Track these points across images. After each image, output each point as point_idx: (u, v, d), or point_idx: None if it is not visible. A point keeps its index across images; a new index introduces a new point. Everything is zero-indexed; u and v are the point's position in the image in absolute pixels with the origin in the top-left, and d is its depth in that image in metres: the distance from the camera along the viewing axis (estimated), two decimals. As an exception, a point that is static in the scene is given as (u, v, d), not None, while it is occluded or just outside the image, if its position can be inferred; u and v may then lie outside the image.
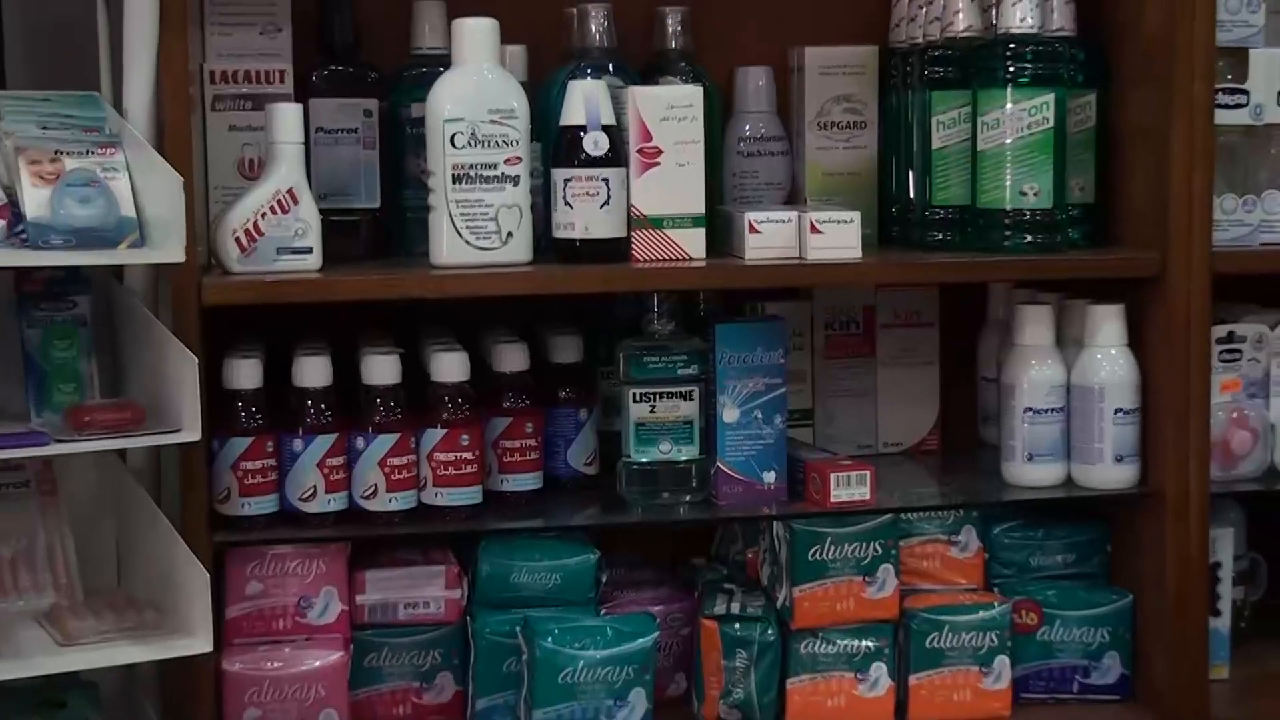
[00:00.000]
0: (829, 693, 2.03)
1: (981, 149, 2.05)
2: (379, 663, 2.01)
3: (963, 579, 2.13)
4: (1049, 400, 2.08)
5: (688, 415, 2.02)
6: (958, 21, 2.06)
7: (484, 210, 1.89)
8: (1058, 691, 2.13)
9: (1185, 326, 2.02)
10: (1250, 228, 2.09)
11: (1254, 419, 2.13)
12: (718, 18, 2.24)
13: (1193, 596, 2.06)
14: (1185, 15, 1.98)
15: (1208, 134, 2.01)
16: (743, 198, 2.18)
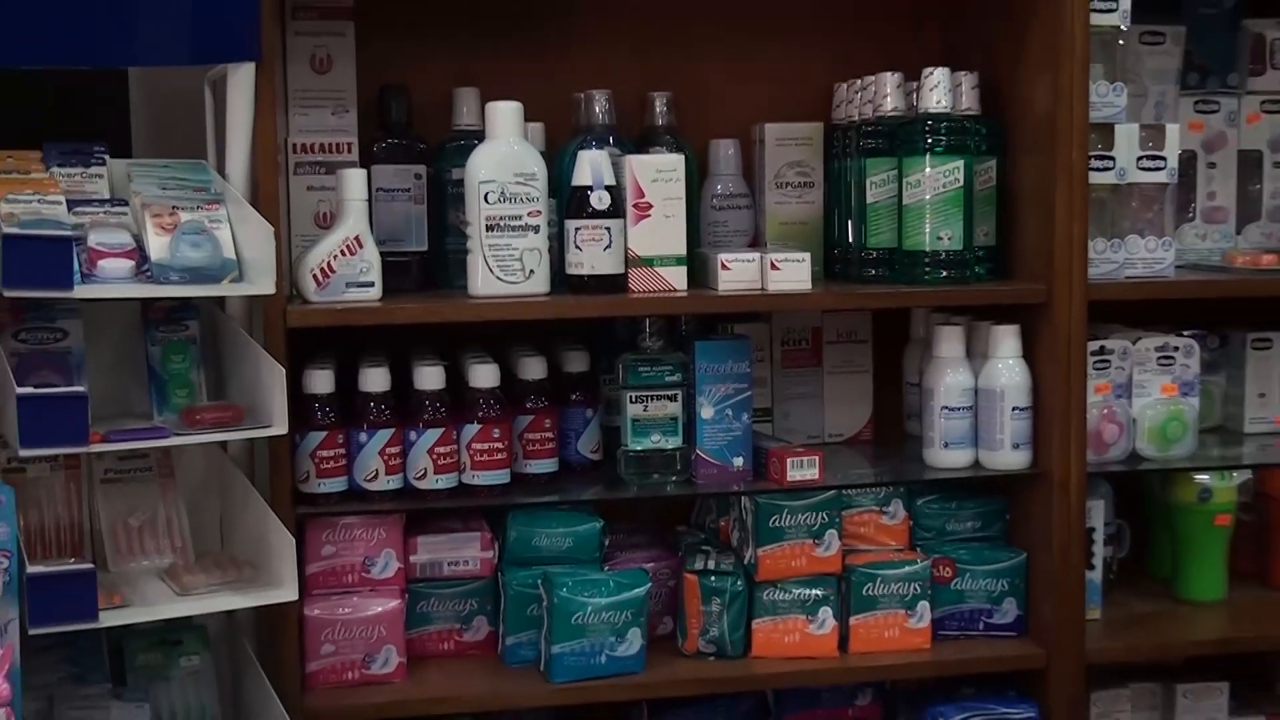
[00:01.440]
0: (786, 631, 2.02)
1: (906, 204, 2.05)
2: (428, 609, 2.02)
3: (892, 541, 2.12)
4: (960, 400, 2.08)
5: (673, 413, 2.01)
6: (886, 104, 2.07)
7: (511, 252, 1.89)
8: (967, 629, 2.11)
9: (1066, 342, 2.02)
10: (1116, 264, 2.08)
11: (1120, 415, 2.13)
12: (695, 99, 2.21)
13: (1073, 554, 2.06)
14: (1065, 99, 1.98)
15: (1083, 192, 2.01)
16: (716, 242, 2.16)
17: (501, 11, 2.17)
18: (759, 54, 2.28)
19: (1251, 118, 2.32)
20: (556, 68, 2.18)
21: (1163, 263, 2.12)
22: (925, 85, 2.03)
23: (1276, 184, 2.35)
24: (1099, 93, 2.05)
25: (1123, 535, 2.31)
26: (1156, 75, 2.25)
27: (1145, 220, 2.14)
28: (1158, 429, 2.15)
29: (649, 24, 2.23)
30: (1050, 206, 2.02)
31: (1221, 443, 2.30)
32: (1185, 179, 2.26)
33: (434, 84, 2.09)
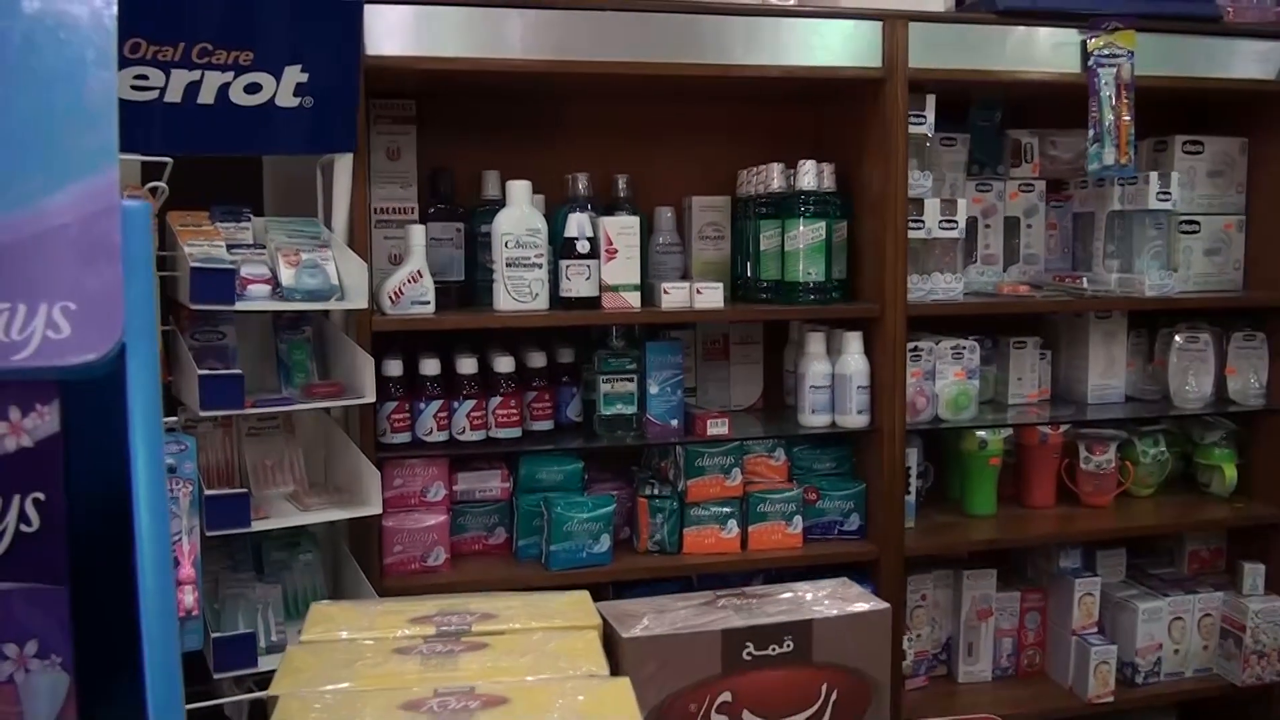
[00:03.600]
0: (705, 535, 2.04)
1: (786, 250, 2.05)
2: (465, 522, 2.02)
3: (777, 476, 2.11)
4: (822, 381, 2.08)
5: (631, 390, 2.02)
6: (773, 183, 2.07)
7: (523, 282, 1.91)
8: (826, 535, 2.11)
9: (892, 343, 2.04)
10: (925, 292, 2.09)
11: (927, 391, 2.14)
12: (646, 179, 2.17)
13: (896, 485, 2.09)
14: (892, 182, 2.00)
15: (904, 243, 2.03)
16: (660, 275, 2.13)
17: (515, 120, 2.15)
18: (688, 149, 2.25)
19: (1013, 195, 2.32)
20: (553, 157, 2.14)
21: (955, 291, 2.12)
22: (800, 171, 2.04)
23: (1028, 239, 2.33)
24: (914, 178, 2.05)
25: (929, 472, 2.31)
26: (951, 166, 2.25)
27: (944, 262, 2.13)
28: (952, 400, 2.15)
29: (614, 129, 2.20)
30: (882, 253, 2.03)
31: (993, 410, 2.30)
32: (970, 235, 2.26)
33: (470, 167, 2.07)
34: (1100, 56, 2.07)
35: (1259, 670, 2.32)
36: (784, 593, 1.03)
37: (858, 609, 1.01)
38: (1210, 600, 2.35)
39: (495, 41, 1.82)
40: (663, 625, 0.94)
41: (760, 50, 1.94)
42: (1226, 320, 2.37)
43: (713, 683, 0.94)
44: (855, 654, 0.99)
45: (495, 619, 0.88)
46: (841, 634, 0.98)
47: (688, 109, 2.25)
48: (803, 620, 0.97)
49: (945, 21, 2.04)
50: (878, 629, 1.01)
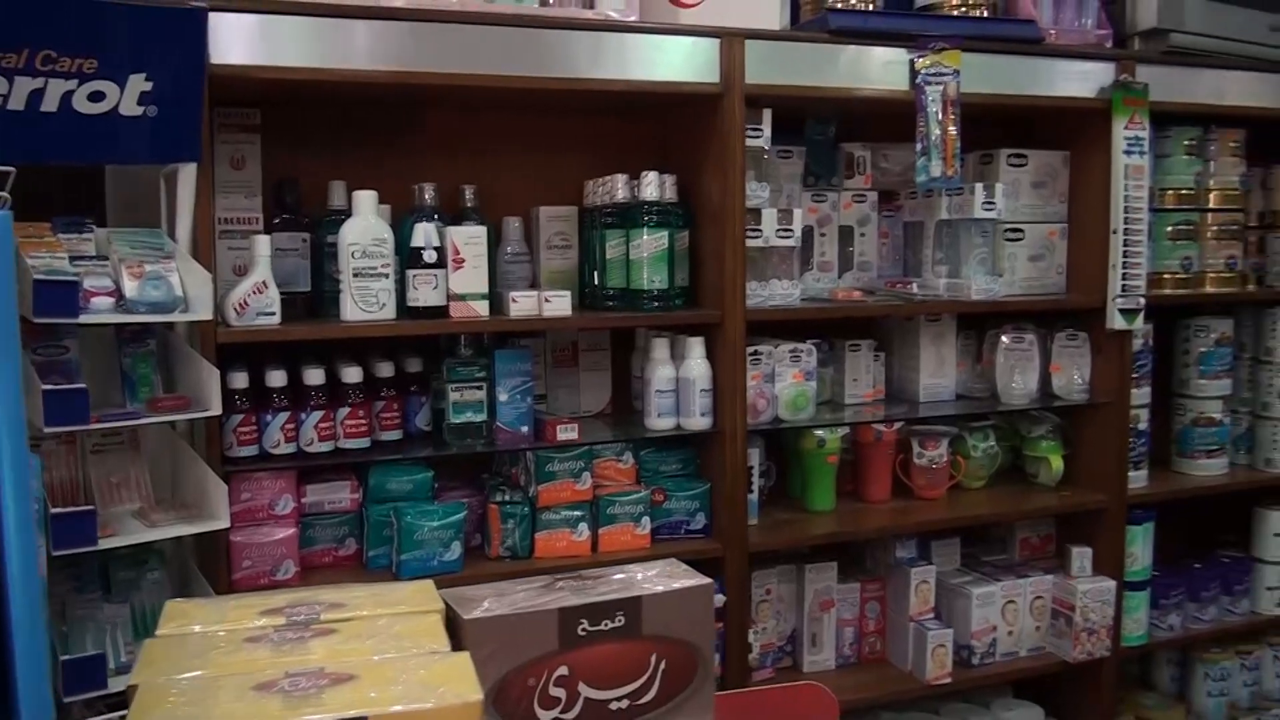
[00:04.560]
0: (556, 539, 2.12)
1: (631, 259, 2.16)
2: (314, 534, 2.05)
3: (625, 479, 2.20)
4: (667, 386, 2.19)
5: (480, 398, 2.07)
6: (618, 194, 2.18)
7: (370, 292, 1.96)
8: (674, 534, 2.22)
9: (733, 347, 2.17)
10: (764, 298, 2.23)
11: (767, 393, 2.27)
12: (493, 190, 2.25)
13: (739, 484, 2.21)
14: (731, 193, 2.14)
15: (742, 252, 2.15)
16: (508, 284, 2.19)
17: (362, 130, 2.21)
18: (536, 160, 2.34)
19: (846, 205, 2.48)
20: (400, 167, 2.20)
21: (793, 297, 2.26)
22: (643, 182, 2.15)
23: (862, 247, 2.51)
24: (751, 189, 2.19)
25: (771, 471, 2.44)
26: (788, 177, 2.38)
27: (781, 270, 2.27)
28: (790, 402, 2.29)
29: (462, 140, 2.28)
30: (722, 261, 2.16)
31: (831, 410, 2.44)
32: (807, 243, 2.40)
33: (316, 177, 2.11)
34: (927, 75, 2.28)
35: (1089, 646, 2.57)
36: (617, 574, 1.17)
37: (683, 584, 1.15)
38: (1041, 583, 2.60)
39: (340, 52, 1.87)
40: (502, 606, 1.06)
41: (604, 65, 2.05)
42: (1050, 321, 2.62)
43: (550, 658, 1.06)
44: (681, 626, 1.13)
45: (343, 608, 1.00)
46: (668, 608, 1.12)
47: (535, 121, 2.35)
48: (632, 597, 1.11)
49: (780, 40, 2.20)
50: (701, 602, 1.16)
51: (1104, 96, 2.49)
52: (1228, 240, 2.78)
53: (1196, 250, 2.75)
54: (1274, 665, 3.02)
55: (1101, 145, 2.51)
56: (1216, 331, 2.83)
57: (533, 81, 2.01)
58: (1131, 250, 2.51)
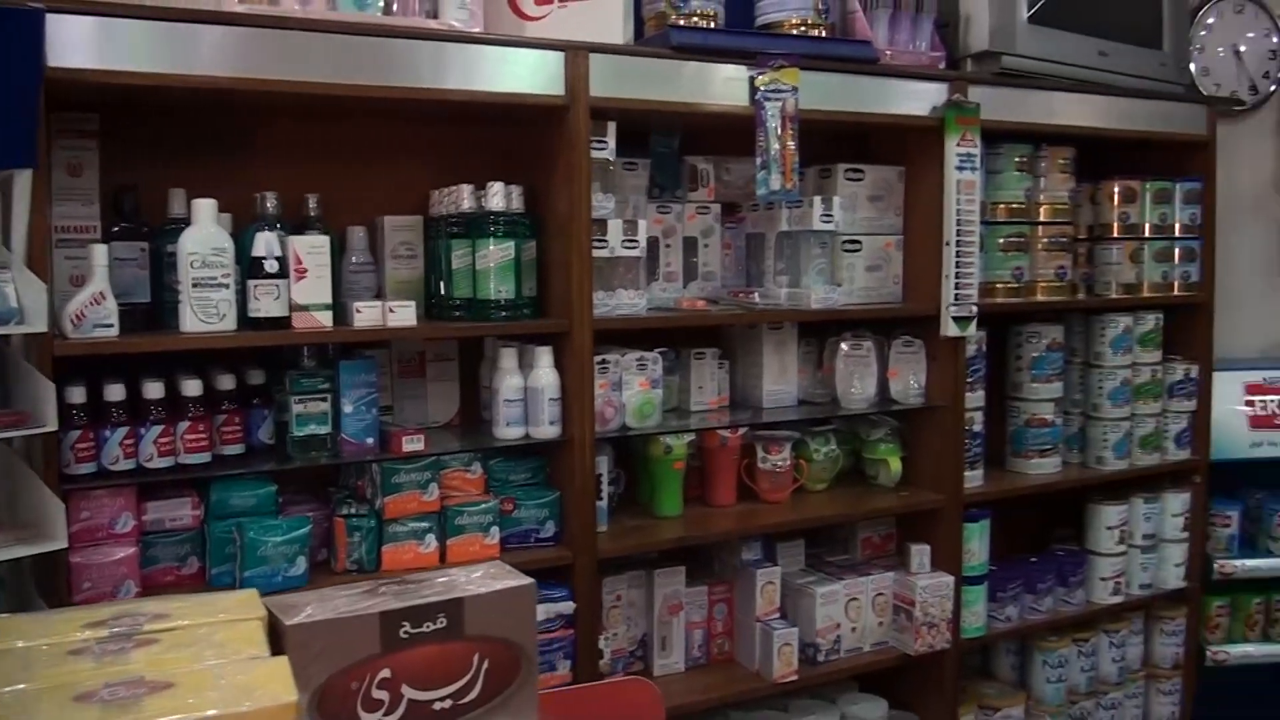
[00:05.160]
0: (404, 551, 2.13)
1: (477, 269, 2.19)
2: (156, 553, 2.01)
3: (474, 489, 2.23)
4: (515, 395, 2.23)
5: (325, 409, 2.08)
6: (464, 204, 2.20)
7: (210, 302, 1.95)
8: (524, 543, 2.26)
9: (580, 356, 2.23)
10: (610, 307, 2.27)
11: (615, 401, 2.32)
12: (338, 199, 2.25)
13: (587, 492, 2.26)
14: (577, 204, 2.20)
15: (588, 262, 2.22)
16: (352, 294, 2.21)
17: (204, 137, 2.20)
18: (381, 169, 2.36)
19: (691, 216, 2.57)
20: (241, 175, 2.19)
21: (638, 306, 2.32)
22: (489, 192, 2.19)
23: (706, 257, 2.60)
24: (597, 200, 2.24)
25: (620, 478, 2.50)
26: (634, 189, 2.46)
27: (628, 280, 2.33)
28: (637, 409, 2.35)
29: (306, 148, 2.28)
30: (569, 271, 2.21)
31: (677, 417, 2.50)
32: (652, 254, 2.47)
33: (156, 185, 2.09)
34: (767, 92, 2.38)
35: (929, 639, 2.71)
36: (441, 577, 1.22)
37: (504, 585, 1.21)
38: (882, 580, 2.73)
39: (182, 57, 1.87)
40: (324, 612, 1.10)
41: (448, 75, 2.09)
42: (887, 328, 2.76)
43: (372, 661, 1.11)
44: (503, 626, 1.19)
45: (167, 618, 1.03)
46: (490, 608, 1.18)
47: (380, 129, 2.37)
48: (454, 599, 1.16)
49: (624, 54, 2.28)
50: (523, 602, 1.22)
51: (937, 115, 2.63)
52: (1057, 251, 2.97)
53: (1027, 261, 2.92)
54: (1110, 651, 3.21)
55: (935, 161, 2.66)
56: (1047, 338, 3.01)
57: (376, 90, 2.03)
58: (964, 261, 2.66)
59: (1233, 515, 3.39)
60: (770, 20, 2.53)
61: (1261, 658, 3.39)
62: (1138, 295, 3.13)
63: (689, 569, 2.56)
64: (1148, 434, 3.19)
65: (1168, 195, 3.16)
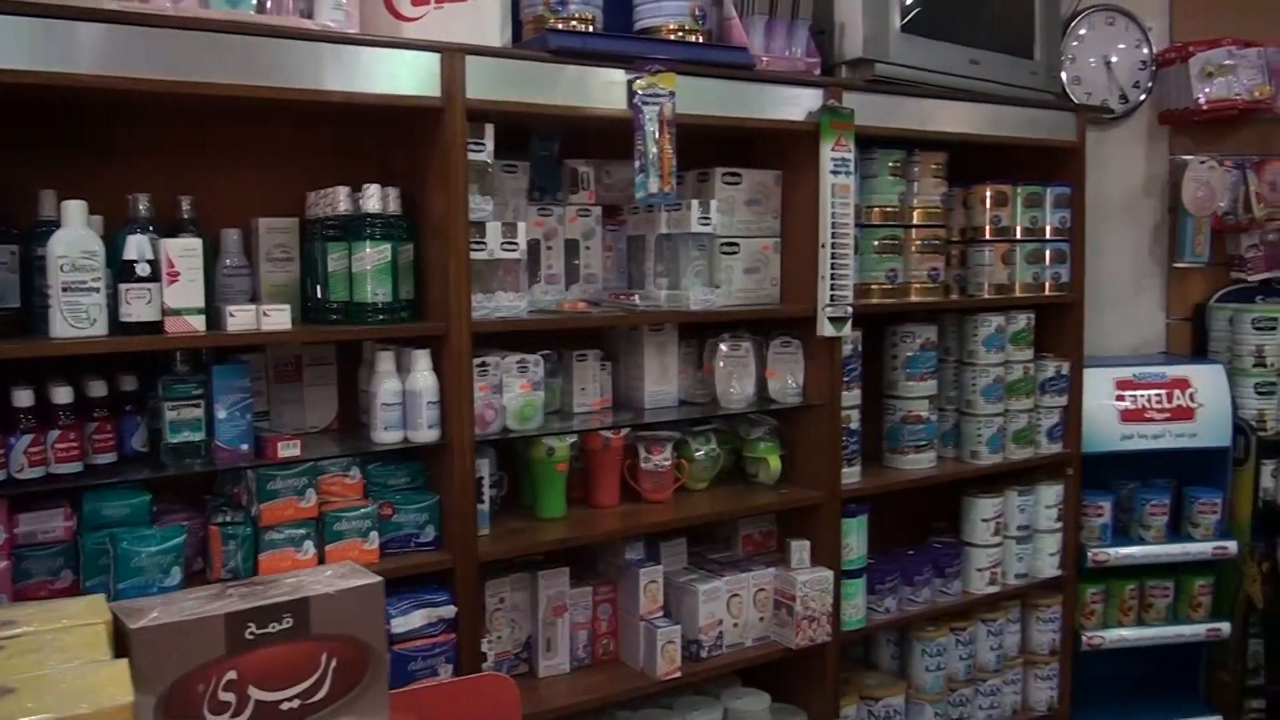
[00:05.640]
0: (281, 558, 2.10)
1: (354, 272, 2.19)
2: (29, 567, 1.97)
3: (352, 494, 2.22)
4: (394, 399, 2.22)
5: (199, 416, 2.07)
6: (340, 206, 2.20)
7: (80, 307, 1.91)
8: (403, 547, 2.26)
9: (459, 359, 2.23)
10: (489, 310, 2.28)
11: (495, 403, 2.33)
12: (212, 201, 2.23)
13: (468, 495, 2.27)
14: (454, 207, 2.20)
15: (466, 264, 2.22)
16: (227, 298, 2.18)
17: (73, 138, 2.17)
18: (257, 171, 2.34)
19: (572, 219, 2.59)
20: (113, 176, 2.16)
21: (518, 308, 2.33)
22: (365, 195, 2.19)
23: (587, 260, 2.62)
24: (475, 202, 2.25)
25: (503, 481, 2.51)
26: (514, 191, 2.47)
27: (507, 282, 2.34)
28: (518, 411, 2.36)
29: (179, 149, 2.26)
30: (447, 274, 2.21)
31: (560, 419, 2.53)
32: (534, 256, 2.50)
33: (24, 187, 2.06)
34: (644, 96, 2.42)
35: (810, 633, 2.78)
36: (290, 578, 1.23)
37: (350, 584, 1.22)
38: (763, 576, 2.80)
39: (51, 53, 1.83)
40: (169, 615, 1.11)
41: (323, 76, 2.07)
42: (766, 329, 2.83)
43: (218, 663, 1.11)
44: (351, 624, 1.20)
45: (13, 625, 1.02)
46: (337, 608, 1.19)
47: (256, 130, 2.35)
48: (300, 599, 1.17)
49: (501, 57, 2.30)
50: (371, 600, 1.23)
51: (812, 120, 2.71)
52: (930, 254, 3.07)
53: (901, 263, 3.02)
54: (988, 639, 3.34)
55: (811, 165, 2.73)
56: (921, 337, 3.11)
57: (249, 90, 2.01)
58: (839, 263, 2.74)
59: (1105, 505, 3.53)
60: (648, 25, 2.57)
61: (1135, 641, 3.57)
62: (1010, 296, 3.26)
63: (573, 570, 2.59)
64: (1021, 429, 3.31)
65: (1038, 199, 3.28)
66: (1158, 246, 4.02)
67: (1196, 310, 3.99)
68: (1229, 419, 3.60)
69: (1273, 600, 3.51)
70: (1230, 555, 3.55)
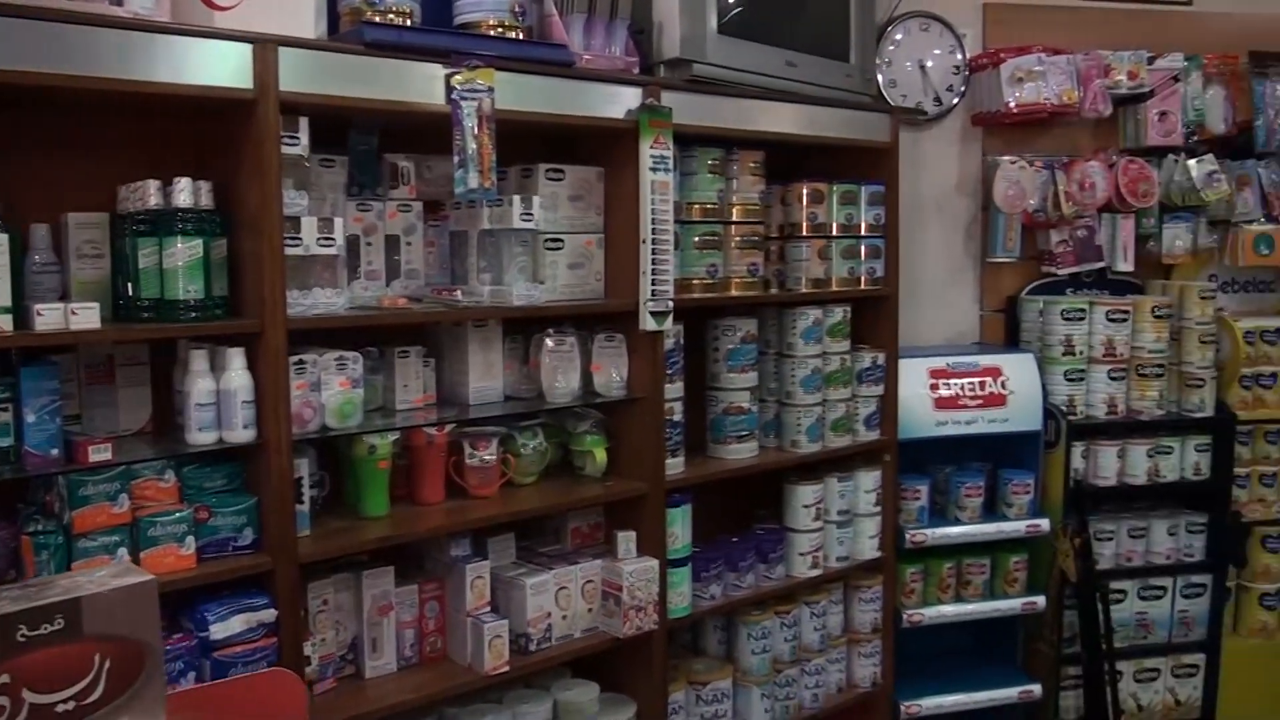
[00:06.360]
0: (95, 564, 2.02)
1: (166, 268, 2.15)
2: None
3: (167, 498, 2.17)
4: (208, 399, 2.19)
5: (6, 420, 2.01)
6: (151, 200, 2.16)
7: None
8: (221, 551, 2.22)
9: (274, 357, 2.20)
10: (307, 306, 2.27)
11: (314, 402, 2.31)
12: (19, 196, 2.18)
13: (286, 496, 2.23)
14: (268, 201, 2.17)
15: (281, 260, 2.19)
16: (36, 296, 2.10)
17: None
18: (66, 164, 2.28)
19: (392, 214, 2.59)
20: None
21: (336, 305, 2.32)
22: (176, 189, 2.15)
23: (409, 255, 2.62)
24: (290, 197, 2.24)
25: (324, 480, 2.50)
26: (331, 186, 2.46)
27: (325, 278, 2.33)
28: (337, 409, 2.35)
29: None
30: (261, 270, 2.19)
31: (382, 416, 2.52)
32: (354, 252, 2.49)
33: None
34: (463, 91, 2.44)
35: (638, 622, 2.86)
36: (64, 579, 1.22)
37: (122, 582, 1.21)
38: (590, 568, 2.86)
39: None
40: (-61, 620, 1.08)
41: (132, 65, 2.02)
42: (590, 324, 2.89)
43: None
44: (123, 623, 1.20)
45: None
46: (109, 607, 1.18)
47: (64, 121, 2.29)
48: (71, 599, 1.17)
49: (316, 49, 2.28)
50: (144, 598, 1.23)
51: (632, 118, 2.77)
52: (749, 249, 3.17)
53: (721, 258, 3.11)
54: (811, 620, 3.47)
55: (631, 163, 2.80)
56: (742, 330, 3.21)
57: (55, 79, 1.95)
58: (659, 258, 2.81)
59: (922, 489, 3.71)
60: (467, 20, 2.59)
61: (955, 616, 3.77)
62: (826, 290, 3.39)
63: (399, 569, 2.59)
64: (839, 418, 3.45)
65: (853, 197, 3.43)
66: (972, 242, 4.24)
67: (1008, 302, 4.22)
68: (1040, 405, 3.82)
69: (1085, 573, 3.74)
70: (1043, 532, 3.77)
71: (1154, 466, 3.96)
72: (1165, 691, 4.06)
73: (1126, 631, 4.00)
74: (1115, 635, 3.84)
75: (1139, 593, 4.02)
